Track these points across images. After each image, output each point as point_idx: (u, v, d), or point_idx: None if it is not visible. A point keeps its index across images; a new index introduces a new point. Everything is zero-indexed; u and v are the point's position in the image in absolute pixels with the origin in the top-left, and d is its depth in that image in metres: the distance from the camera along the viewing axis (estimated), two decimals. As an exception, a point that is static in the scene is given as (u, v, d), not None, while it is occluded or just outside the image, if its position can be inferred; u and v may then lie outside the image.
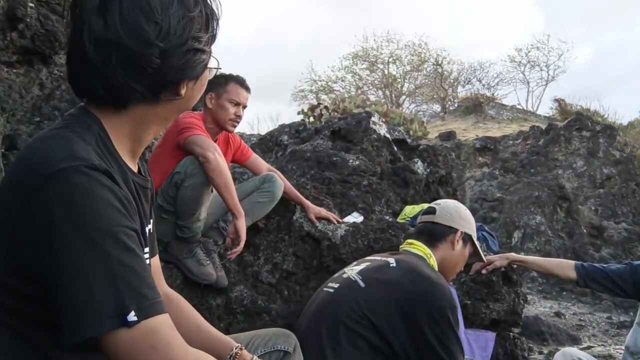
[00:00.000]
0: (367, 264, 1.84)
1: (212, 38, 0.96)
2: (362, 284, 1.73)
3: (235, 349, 1.10)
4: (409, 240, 1.99)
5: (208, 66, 0.98)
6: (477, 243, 2.05)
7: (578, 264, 2.35)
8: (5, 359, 0.85)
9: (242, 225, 2.31)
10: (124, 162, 0.94)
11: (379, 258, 1.88)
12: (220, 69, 1.06)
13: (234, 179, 2.62)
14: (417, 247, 1.92)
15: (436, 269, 1.87)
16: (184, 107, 1.01)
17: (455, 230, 1.95)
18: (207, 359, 0.86)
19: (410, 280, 1.69)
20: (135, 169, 0.99)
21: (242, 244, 2.31)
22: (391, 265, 1.77)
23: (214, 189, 2.37)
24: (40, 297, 0.82)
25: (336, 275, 1.91)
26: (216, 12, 0.96)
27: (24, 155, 0.88)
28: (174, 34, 0.87)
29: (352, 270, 1.82)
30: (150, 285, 0.81)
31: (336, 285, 1.79)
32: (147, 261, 0.97)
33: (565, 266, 2.37)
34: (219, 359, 1.01)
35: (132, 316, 0.76)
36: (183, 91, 0.94)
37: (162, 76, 0.89)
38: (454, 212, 2.00)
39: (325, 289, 1.83)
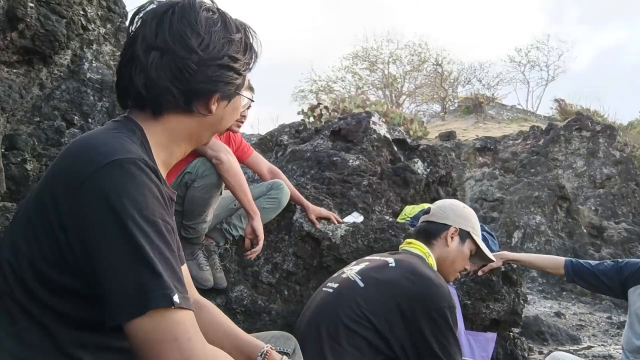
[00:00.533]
0: (367, 263, 1.84)
1: (248, 65, 1.06)
2: (361, 284, 1.72)
3: (266, 347, 1.14)
4: (408, 240, 1.99)
5: (240, 93, 1.07)
6: (478, 241, 2.02)
7: (568, 260, 2.41)
8: (27, 353, 0.88)
9: (259, 225, 2.31)
10: (159, 171, 0.99)
11: (378, 258, 1.87)
12: (253, 101, 1.13)
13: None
14: (416, 247, 1.92)
15: (435, 268, 1.87)
16: (216, 128, 1.09)
17: (448, 227, 1.94)
18: (225, 358, 0.89)
19: (409, 281, 1.68)
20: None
21: (260, 243, 2.32)
22: (390, 265, 1.77)
23: (222, 192, 2.37)
24: (75, 289, 0.87)
25: (335, 275, 1.90)
26: (255, 47, 1.07)
27: (74, 149, 0.94)
28: (214, 48, 0.98)
29: (352, 270, 1.82)
30: (182, 281, 0.86)
31: (335, 285, 1.79)
32: None
33: (556, 262, 2.43)
34: (250, 359, 1.09)
35: (176, 298, 0.82)
36: (213, 107, 1.02)
37: (196, 84, 0.98)
38: (448, 209, 2.00)
39: (324, 289, 1.83)
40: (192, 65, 0.96)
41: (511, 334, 2.96)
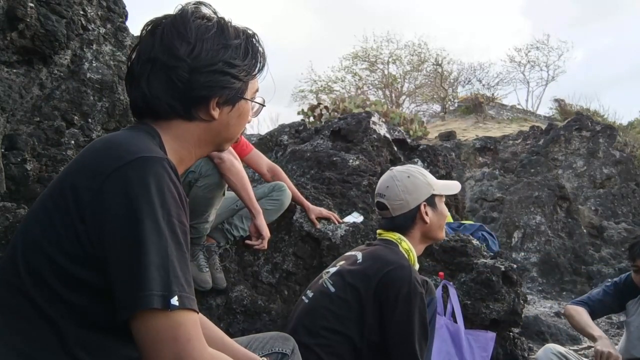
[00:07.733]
0: (342, 263, 1.85)
1: (249, 70, 1.06)
2: (332, 289, 1.74)
3: (261, 358, 1.16)
4: (379, 231, 1.96)
5: (245, 97, 1.07)
6: (444, 191, 1.91)
7: (580, 305, 2.62)
8: (34, 351, 0.86)
9: (262, 222, 2.33)
10: (178, 173, 1.00)
11: (352, 254, 1.88)
12: (264, 106, 1.13)
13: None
14: (387, 235, 1.89)
15: (413, 250, 1.85)
16: (225, 135, 1.09)
17: (417, 209, 1.85)
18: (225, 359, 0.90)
19: (372, 271, 1.70)
20: None
21: (265, 241, 2.33)
22: (358, 261, 1.79)
23: (225, 193, 2.37)
24: (91, 283, 0.87)
25: (314, 280, 1.92)
26: (260, 52, 1.08)
27: (98, 146, 0.96)
28: (206, 55, 1.00)
29: (328, 274, 1.83)
30: (189, 282, 0.87)
31: (311, 294, 1.80)
32: None
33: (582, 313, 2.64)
34: None
35: (174, 300, 0.82)
36: (215, 113, 1.03)
37: (191, 91, 1.00)
38: (402, 194, 1.85)
39: (303, 296, 1.85)
40: (184, 73, 0.98)
41: (511, 334, 2.96)
